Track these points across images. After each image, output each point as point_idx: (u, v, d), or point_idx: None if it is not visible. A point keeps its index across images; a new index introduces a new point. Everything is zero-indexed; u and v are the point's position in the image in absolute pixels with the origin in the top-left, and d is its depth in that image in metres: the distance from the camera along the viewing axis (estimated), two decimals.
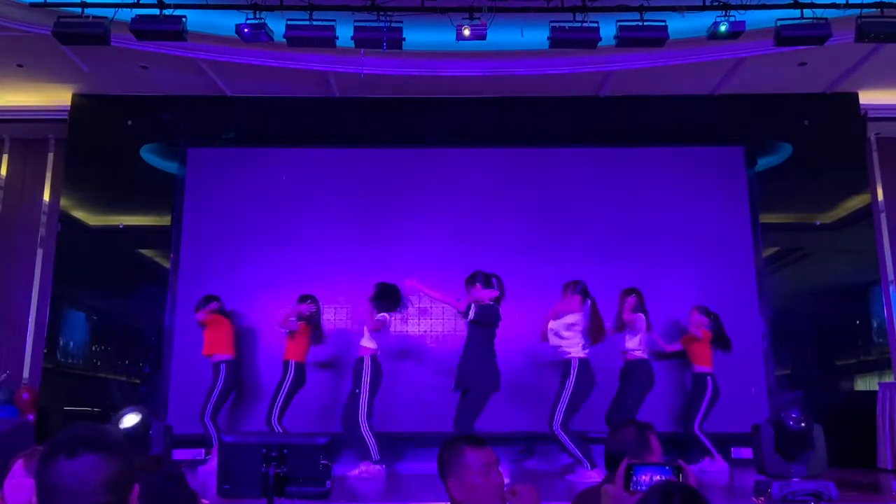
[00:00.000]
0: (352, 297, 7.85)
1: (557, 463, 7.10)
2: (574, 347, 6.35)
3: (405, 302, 6.76)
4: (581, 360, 6.31)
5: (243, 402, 7.66)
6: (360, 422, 6.37)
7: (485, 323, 6.27)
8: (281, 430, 6.75)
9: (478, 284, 6.37)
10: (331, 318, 7.73)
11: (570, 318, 6.38)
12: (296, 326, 6.91)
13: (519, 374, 7.33)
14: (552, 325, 6.46)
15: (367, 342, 6.57)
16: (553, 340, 6.46)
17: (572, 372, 6.27)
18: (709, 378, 6.99)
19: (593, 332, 6.42)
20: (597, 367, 6.47)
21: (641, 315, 6.78)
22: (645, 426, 2.70)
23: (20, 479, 2.40)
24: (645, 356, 6.77)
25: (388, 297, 6.63)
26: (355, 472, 6.37)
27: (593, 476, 5.83)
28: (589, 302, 6.46)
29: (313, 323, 7.06)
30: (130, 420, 5.07)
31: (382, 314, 6.57)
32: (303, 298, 7.10)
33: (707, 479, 6.36)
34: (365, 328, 6.60)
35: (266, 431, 6.79)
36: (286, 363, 6.98)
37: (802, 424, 4.81)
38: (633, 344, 6.75)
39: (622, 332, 6.84)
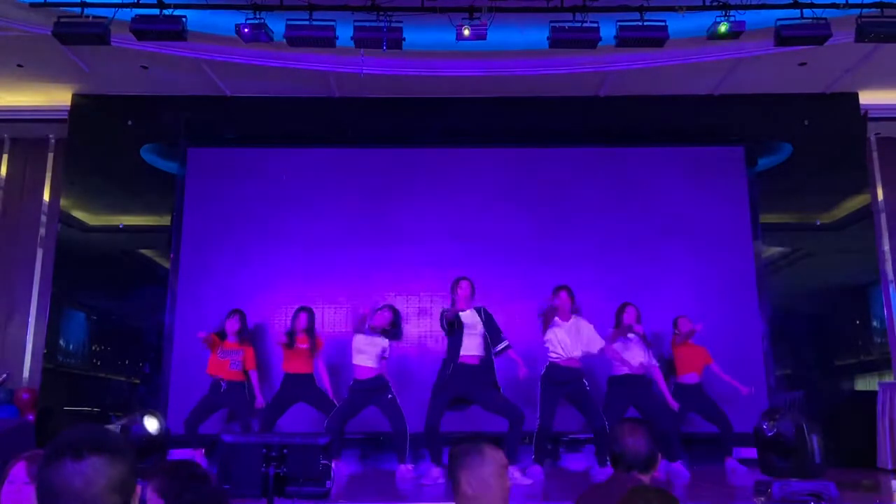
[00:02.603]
0: (351, 298, 7.85)
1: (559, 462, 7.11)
2: None
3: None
4: None
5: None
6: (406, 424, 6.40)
7: None
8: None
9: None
10: (330, 317, 7.73)
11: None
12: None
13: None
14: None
15: (379, 362, 6.55)
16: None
17: None
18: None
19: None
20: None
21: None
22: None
23: (21, 484, 2.36)
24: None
25: (398, 327, 6.68)
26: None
27: None
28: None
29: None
30: (153, 424, 5.11)
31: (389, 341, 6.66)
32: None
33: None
34: (378, 353, 6.55)
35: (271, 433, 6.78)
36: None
37: (777, 431, 4.83)
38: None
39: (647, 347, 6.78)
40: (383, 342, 6.54)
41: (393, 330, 6.60)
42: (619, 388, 6.56)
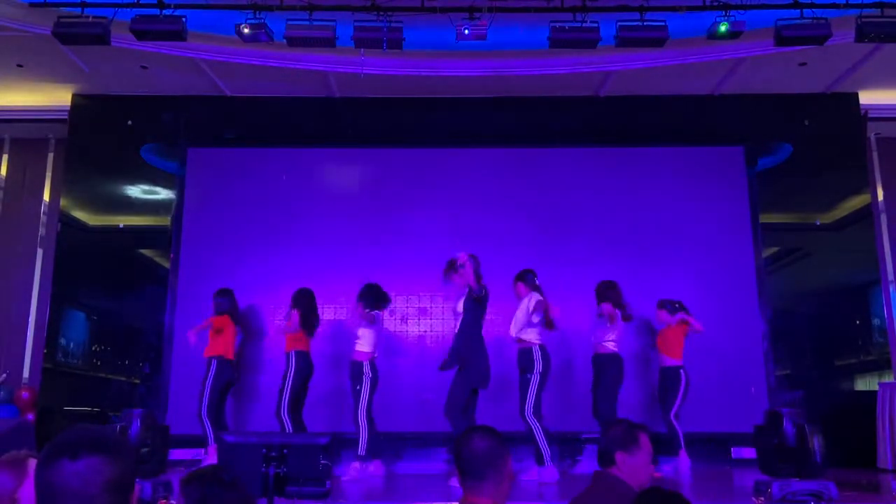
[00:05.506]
0: (351, 297, 7.84)
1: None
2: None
3: (390, 299, 6.87)
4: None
5: (245, 401, 7.67)
6: (359, 417, 6.38)
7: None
8: (290, 423, 6.69)
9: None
10: (330, 317, 7.74)
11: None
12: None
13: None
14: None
15: (364, 346, 6.56)
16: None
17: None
18: (681, 371, 6.88)
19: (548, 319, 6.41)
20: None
21: (618, 311, 6.74)
22: (636, 425, 2.81)
23: None
24: (617, 350, 6.75)
25: (375, 296, 6.70)
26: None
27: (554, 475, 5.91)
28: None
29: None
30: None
31: (375, 311, 6.66)
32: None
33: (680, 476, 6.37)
34: (360, 330, 6.60)
35: (268, 431, 6.75)
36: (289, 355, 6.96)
37: (797, 430, 4.85)
38: (611, 337, 6.73)
39: (602, 325, 6.76)
40: (362, 323, 6.63)
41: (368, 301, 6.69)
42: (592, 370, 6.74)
